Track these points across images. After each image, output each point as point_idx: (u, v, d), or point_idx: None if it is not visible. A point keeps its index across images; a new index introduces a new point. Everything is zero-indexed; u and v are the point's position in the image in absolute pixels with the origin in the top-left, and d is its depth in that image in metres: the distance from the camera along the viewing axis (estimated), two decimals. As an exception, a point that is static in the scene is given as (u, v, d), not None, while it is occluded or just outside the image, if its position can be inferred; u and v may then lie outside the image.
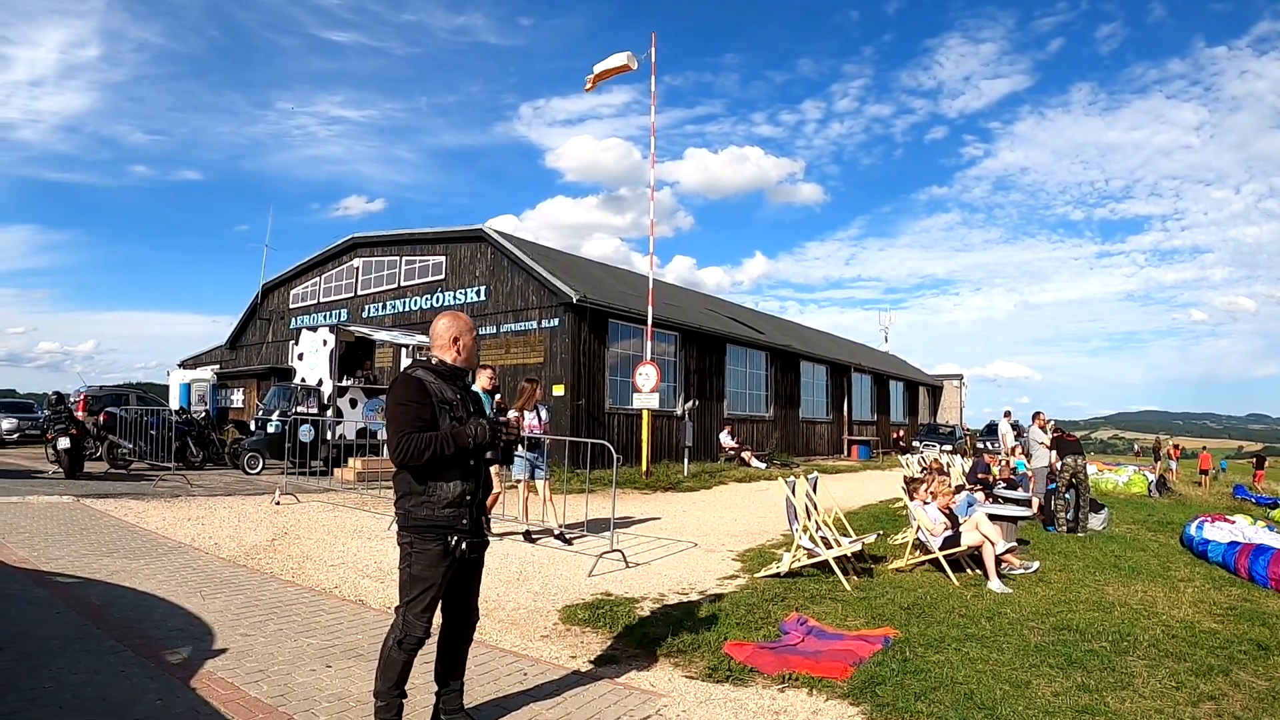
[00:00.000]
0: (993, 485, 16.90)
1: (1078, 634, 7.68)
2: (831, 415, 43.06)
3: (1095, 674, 6.51)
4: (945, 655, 6.76)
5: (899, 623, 7.78)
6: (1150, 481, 25.93)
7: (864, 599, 8.73)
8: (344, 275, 34.62)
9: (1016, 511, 12.55)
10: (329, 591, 8.56)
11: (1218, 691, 6.47)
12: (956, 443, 43.00)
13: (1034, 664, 6.68)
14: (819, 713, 5.54)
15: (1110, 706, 5.83)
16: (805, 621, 7.64)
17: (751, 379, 35.09)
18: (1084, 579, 10.37)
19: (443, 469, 4.28)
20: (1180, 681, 6.56)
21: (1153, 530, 15.66)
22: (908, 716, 5.41)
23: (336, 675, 5.82)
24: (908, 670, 6.30)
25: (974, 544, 10.01)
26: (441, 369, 4.47)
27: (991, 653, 6.90)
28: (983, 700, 5.73)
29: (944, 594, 9.14)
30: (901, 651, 6.80)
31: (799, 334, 47.34)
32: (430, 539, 4.25)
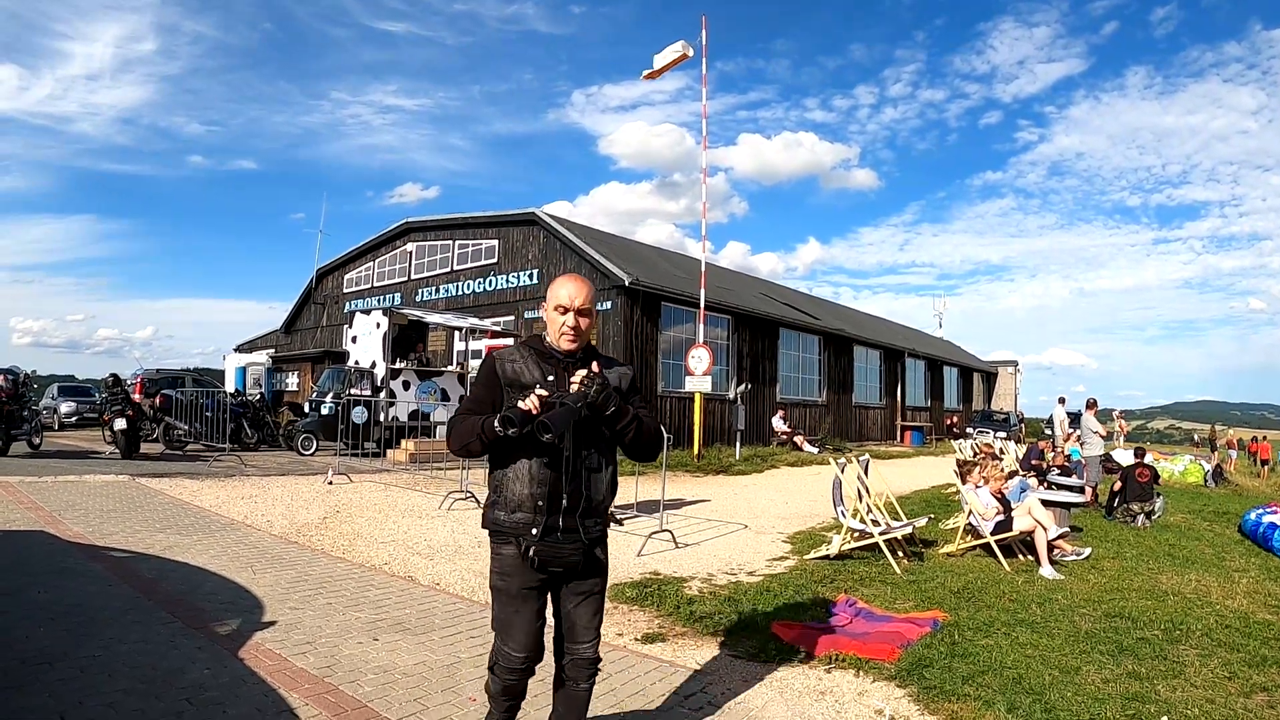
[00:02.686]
0: (1046, 471, 16.71)
1: (1129, 621, 7.58)
2: (885, 401, 42.73)
3: (1146, 662, 6.44)
4: (994, 640, 6.72)
5: (948, 606, 7.74)
6: (1207, 471, 25.51)
7: (913, 582, 8.70)
8: (397, 260, 35.05)
9: (1069, 498, 12.44)
10: (378, 568, 8.70)
11: (1271, 683, 6.36)
12: (1011, 429, 42.57)
13: (1084, 650, 6.62)
14: (865, 694, 5.54)
15: (1161, 694, 5.76)
16: (854, 603, 7.63)
17: (804, 363, 34.92)
18: (1137, 567, 10.23)
19: (513, 462, 3.54)
20: (1233, 672, 6.46)
21: (1208, 520, 15.39)
22: (955, 699, 5.39)
23: (383, 648, 5.93)
24: (956, 654, 6.28)
25: (1026, 529, 9.92)
26: (536, 345, 3.70)
27: (1041, 638, 6.84)
28: (1031, 685, 5.70)
29: (994, 579, 9.07)
30: (950, 635, 6.77)
31: (852, 319, 47.01)
32: (501, 541, 3.60)
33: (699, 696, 5.37)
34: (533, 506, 3.50)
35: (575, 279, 3.66)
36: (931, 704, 5.36)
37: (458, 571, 8.64)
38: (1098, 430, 17.32)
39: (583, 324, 3.61)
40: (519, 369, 3.59)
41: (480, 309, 29.52)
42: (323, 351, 36.09)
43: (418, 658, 5.75)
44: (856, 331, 40.41)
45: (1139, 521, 13.97)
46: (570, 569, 3.59)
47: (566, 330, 3.59)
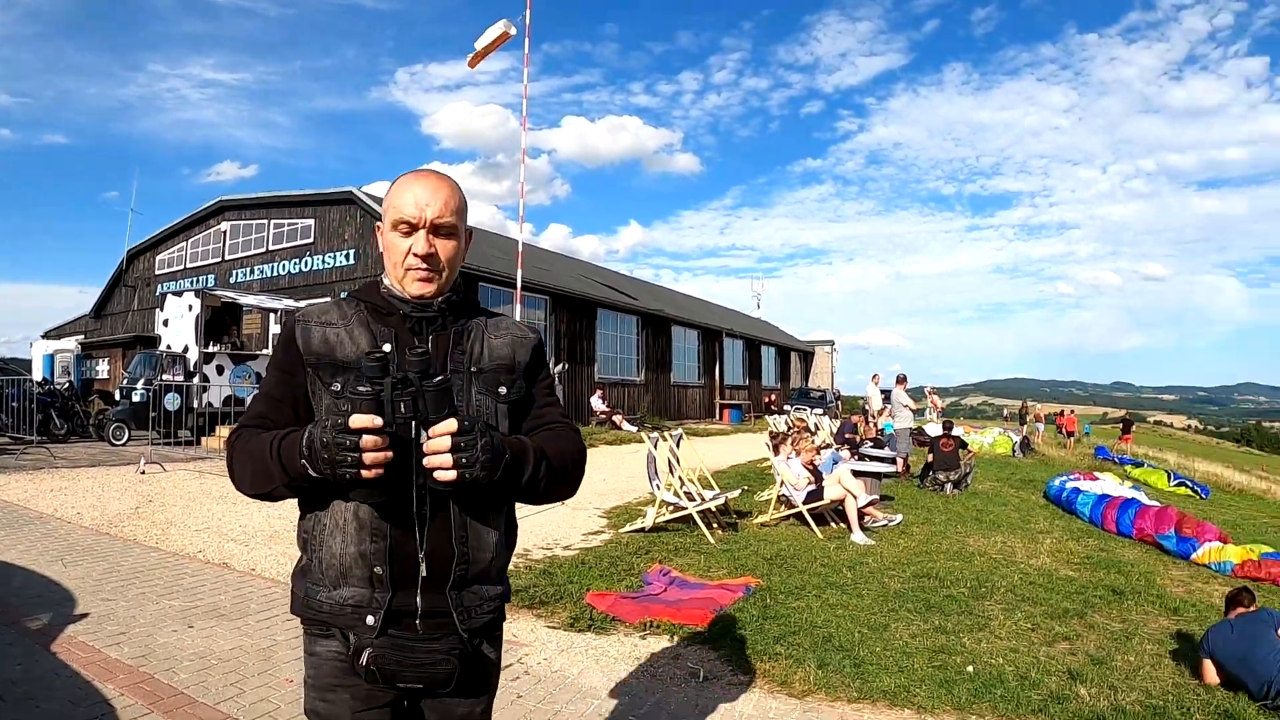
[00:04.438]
0: (860, 444, 17.67)
1: (937, 581, 8.30)
2: (703, 380, 44.01)
3: (953, 617, 7.08)
4: (805, 602, 7.23)
5: (761, 572, 8.23)
6: (1015, 442, 27.52)
7: (727, 551, 9.16)
8: (211, 240, 34.41)
9: (880, 468, 13.28)
10: (192, 556, 8.64)
11: (1072, 633, 7.13)
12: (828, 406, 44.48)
13: (893, 609, 7.22)
14: (680, 657, 5.90)
15: (966, 646, 6.39)
16: (668, 572, 8.01)
17: (623, 343, 35.68)
18: (945, 531, 11.10)
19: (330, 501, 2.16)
20: (1036, 623, 7.22)
21: (1015, 488, 16.71)
22: (766, 659, 5.81)
23: (199, 635, 5.98)
24: (768, 616, 6.73)
25: (837, 498, 10.54)
26: (369, 295, 2.32)
27: (851, 599, 7.40)
28: (841, 643, 6.20)
29: (807, 546, 9.66)
30: (762, 599, 7.23)
31: (671, 299, 48.14)
32: (319, 635, 2.22)
33: (515, 667, 5.59)
34: (366, 576, 2.12)
35: (430, 175, 2.27)
36: (744, 664, 5.77)
37: (273, 556, 8.64)
38: (908, 404, 18.44)
39: (444, 251, 2.23)
40: (336, 338, 2.23)
41: (296, 290, 29.08)
42: (134, 337, 35.12)
43: (234, 643, 5.79)
44: (675, 312, 41.50)
45: (947, 489, 15.02)
46: (437, 683, 2.16)
47: (416, 263, 2.20)
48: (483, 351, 2.27)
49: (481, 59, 22.47)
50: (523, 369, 2.32)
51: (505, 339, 2.33)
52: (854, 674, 5.65)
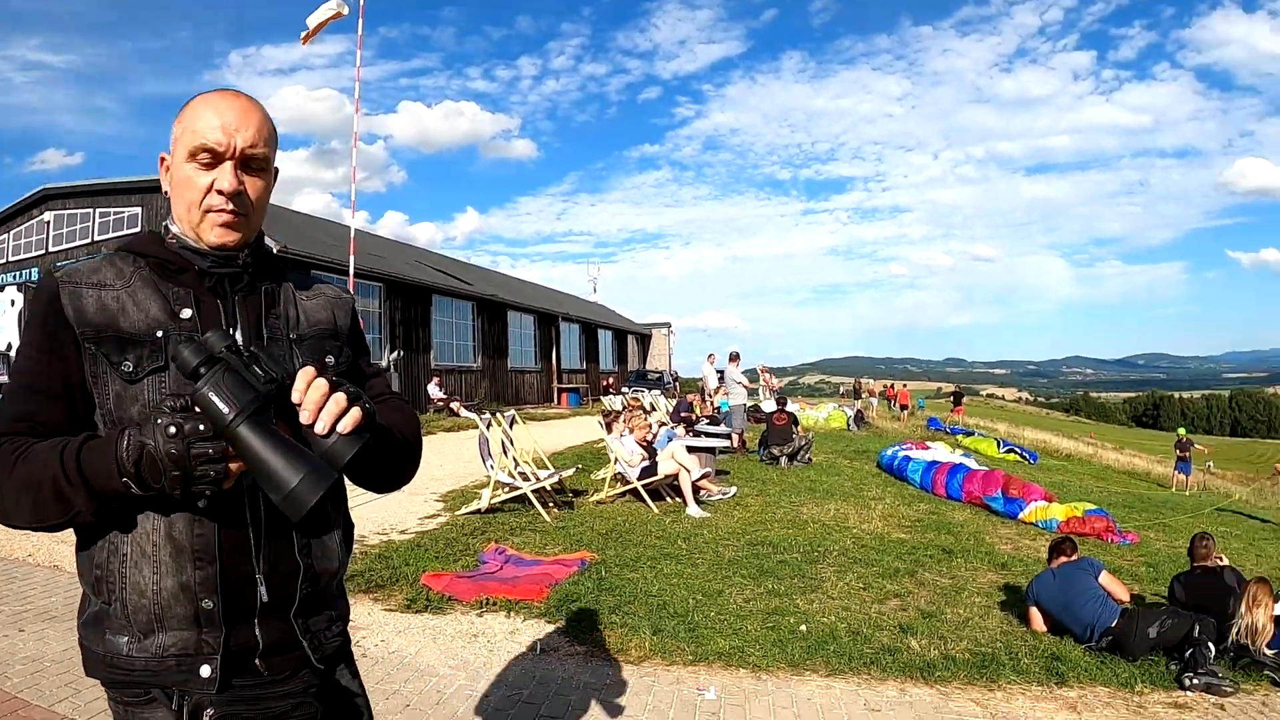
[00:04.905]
0: (696, 422, 17.96)
1: (771, 548, 8.54)
2: (540, 364, 44.01)
3: (786, 581, 7.31)
4: (640, 573, 7.32)
5: (596, 547, 8.30)
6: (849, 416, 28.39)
7: (563, 529, 9.21)
8: (34, 231, 32.53)
9: (712, 442, 13.55)
10: (21, 560, 8.24)
11: (903, 590, 7.45)
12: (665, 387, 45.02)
13: (727, 576, 7.39)
14: (516, 632, 5.93)
15: (799, 607, 6.61)
16: (504, 551, 8.04)
17: (459, 329, 35.40)
18: (780, 501, 11.40)
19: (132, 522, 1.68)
20: (867, 583, 7.51)
21: (849, 458, 17.26)
22: (602, 628, 5.89)
23: (30, 638, 5.75)
24: (603, 588, 6.80)
25: (670, 473, 10.69)
26: (150, 248, 1.83)
27: (686, 569, 7.54)
28: (676, 610, 6.32)
29: (642, 520, 9.77)
30: (598, 572, 7.30)
31: (506, 284, 47.98)
32: (133, 702, 1.72)
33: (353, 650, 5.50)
34: (191, 615, 1.67)
35: (239, 95, 1.82)
36: (580, 635, 5.83)
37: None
38: (741, 381, 18.82)
39: (254, 190, 1.80)
40: (116, 303, 1.73)
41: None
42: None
43: (66, 644, 5.54)
44: (511, 297, 41.33)
45: (782, 462, 15.38)
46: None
47: (220, 204, 1.74)
48: (299, 316, 1.89)
49: (313, 36, 21.86)
50: (346, 335, 1.98)
51: (320, 301, 1.97)
52: (689, 638, 5.77)
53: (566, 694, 4.92)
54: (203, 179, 1.74)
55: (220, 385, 1.43)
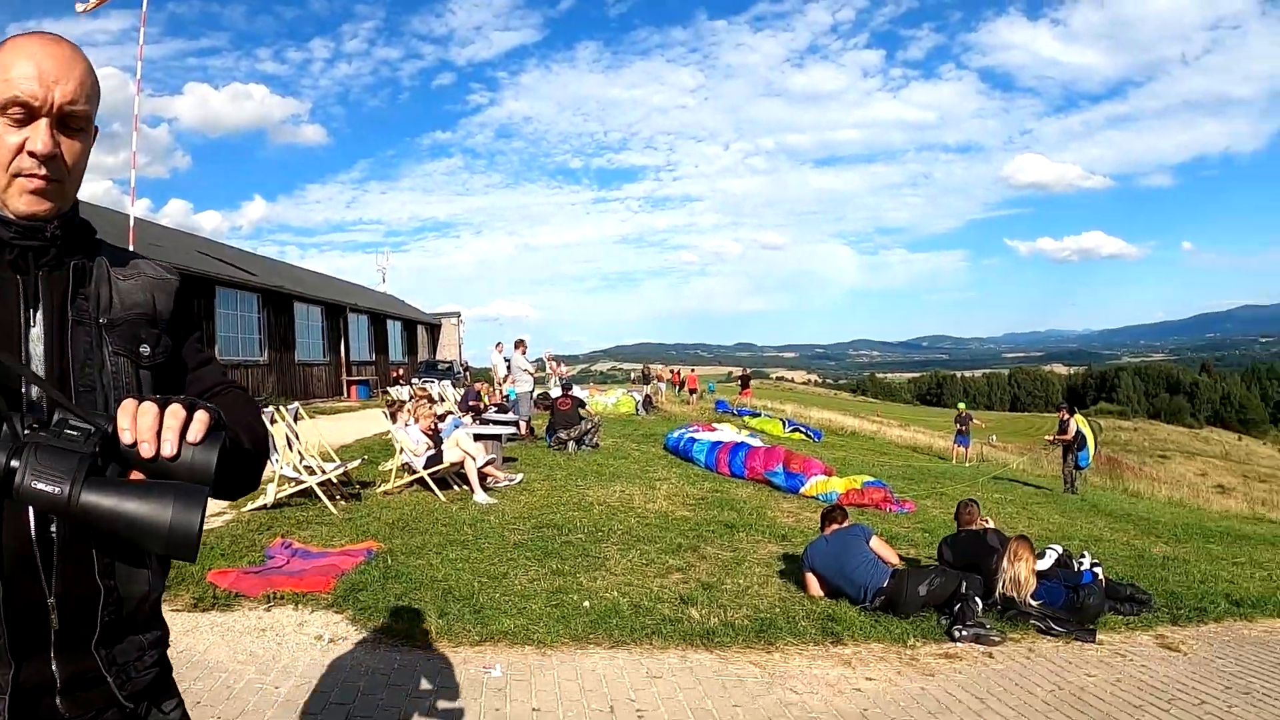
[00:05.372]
0: (484, 410, 17.99)
1: (556, 530, 8.81)
2: (329, 357, 42.92)
3: (570, 561, 7.59)
4: (427, 560, 7.41)
5: (383, 537, 8.32)
6: (638, 401, 28.82)
7: (350, 520, 9.16)
8: None
9: (499, 430, 13.63)
10: None
11: (685, 564, 7.80)
12: (456, 377, 44.66)
13: (513, 559, 7.60)
14: (305, 624, 5.95)
15: (583, 585, 6.90)
16: (290, 544, 7.96)
17: (244, 322, 34.16)
18: (566, 485, 11.64)
19: None
20: (650, 560, 7.84)
21: (637, 442, 17.65)
22: (389, 616, 5.98)
23: None
24: (390, 576, 6.86)
25: (456, 460, 10.73)
26: None
27: (472, 554, 7.68)
28: (461, 593, 6.46)
29: (429, 509, 9.80)
30: (384, 561, 7.34)
31: (293, 275, 46.56)
32: None
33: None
34: None
35: (59, 42, 1.59)
36: (368, 623, 5.92)
37: None
38: (526, 368, 18.95)
39: (71, 153, 1.58)
40: None
41: None
42: None
43: None
44: (296, 287, 40.07)
45: (570, 447, 15.57)
46: None
47: (32, 167, 1.52)
48: (113, 298, 1.64)
49: (94, 7, 20.68)
50: (166, 322, 1.72)
51: (140, 282, 1.70)
52: (474, 620, 5.93)
53: (356, 680, 5.00)
54: (12, 138, 1.51)
55: (38, 469, 1.23)
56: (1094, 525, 13.57)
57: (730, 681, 5.33)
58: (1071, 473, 19.12)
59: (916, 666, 6.04)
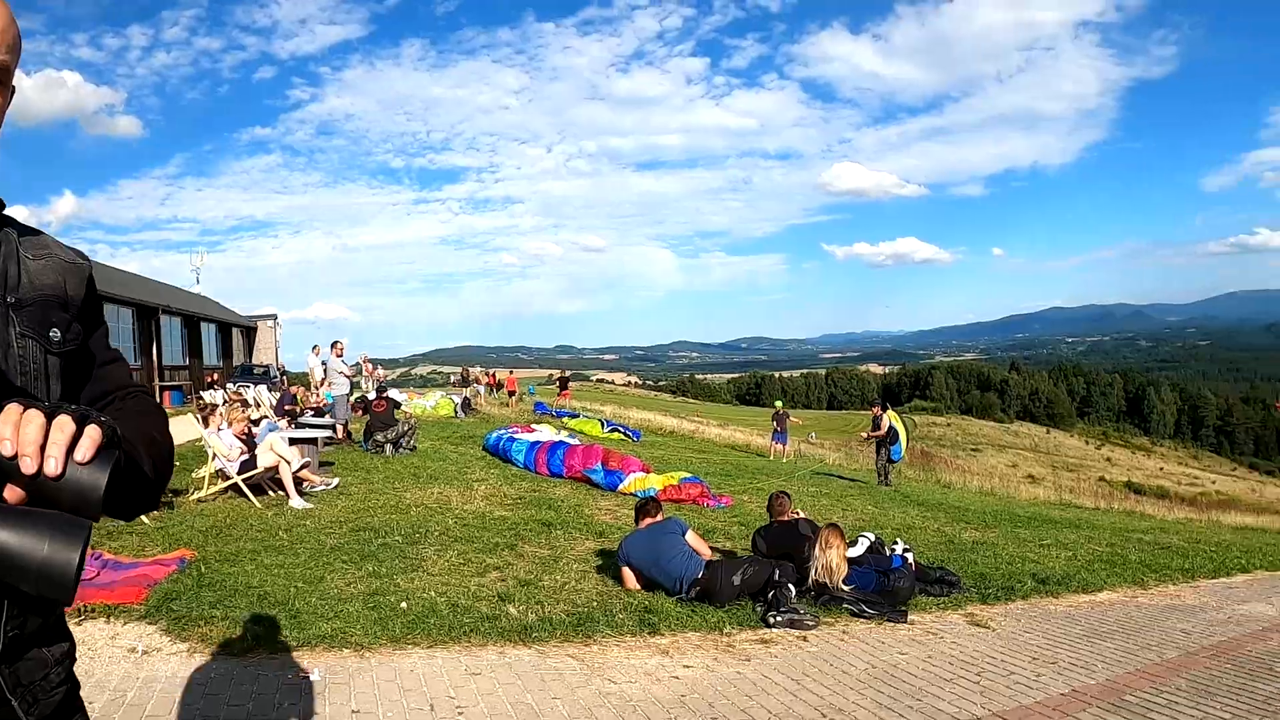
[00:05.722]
0: (301, 414, 17.67)
1: (373, 533, 8.78)
2: (140, 361, 41.18)
3: (387, 563, 7.58)
4: (241, 567, 7.28)
5: (196, 545, 8.13)
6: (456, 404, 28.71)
7: (163, 529, 8.90)
8: None
9: (313, 433, 13.46)
10: None
11: (503, 563, 7.90)
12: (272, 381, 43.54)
13: (329, 563, 7.54)
14: (118, 636, 5.77)
15: (400, 586, 6.91)
16: (100, 556, 7.71)
17: (51, 327, 32.53)
18: (384, 488, 11.57)
19: None
20: (468, 559, 7.93)
21: (455, 444, 17.57)
22: (204, 624, 5.86)
23: None
24: (203, 584, 6.72)
25: (270, 465, 10.54)
26: None
27: (288, 559, 7.58)
28: (278, 599, 6.38)
29: (244, 515, 9.62)
30: (197, 569, 7.17)
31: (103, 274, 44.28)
32: None
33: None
34: None
35: None
36: (182, 632, 5.77)
37: None
38: (342, 371, 18.68)
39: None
40: None
41: None
42: None
43: None
44: (105, 288, 38.28)
45: (388, 450, 15.44)
46: None
47: None
48: (21, 276, 1.48)
49: None
50: (77, 308, 1.56)
51: (50, 263, 1.54)
52: (292, 625, 5.87)
53: (171, 692, 4.89)
54: None
55: None
56: (906, 514, 14.23)
57: (549, 675, 5.44)
58: (885, 466, 20.07)
59: (733, 652, 6.29)
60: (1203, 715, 5.42)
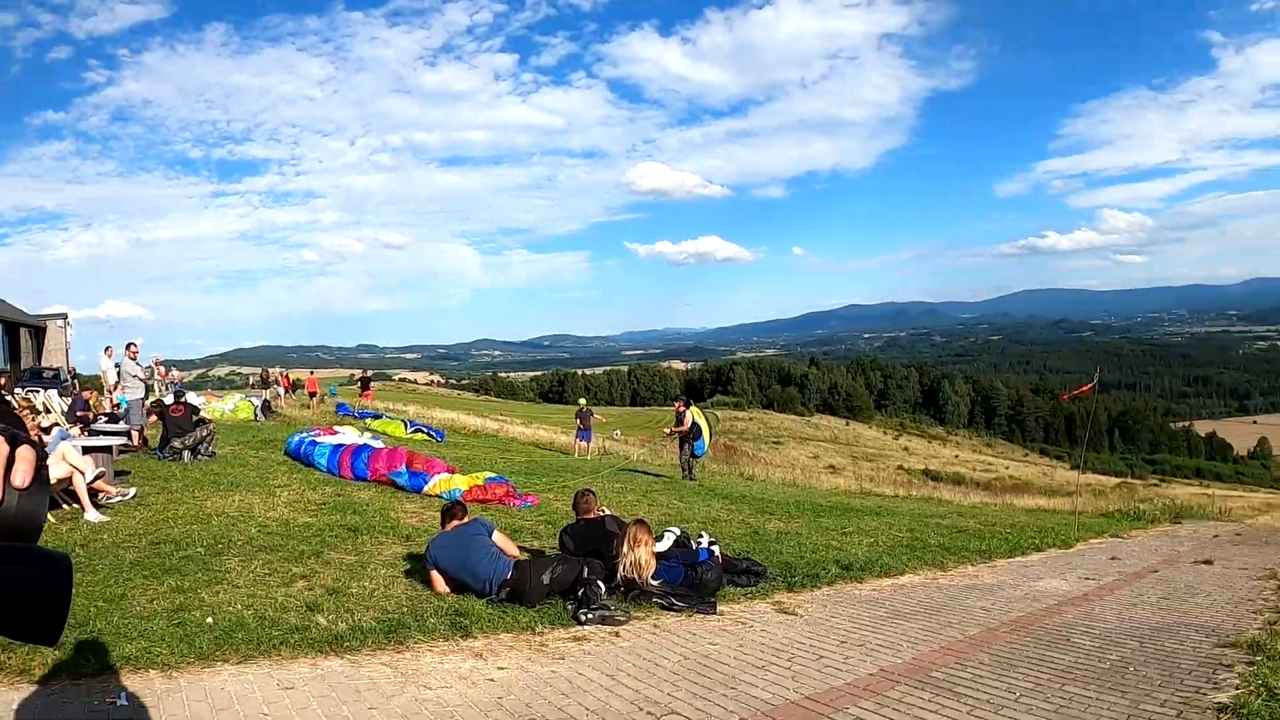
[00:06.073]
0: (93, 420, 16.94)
1: (174, 545, 8.49)
2: (-83, 366, 38.57)
3: (191, 576, 7.36)
4: (31, 588, 6.93)
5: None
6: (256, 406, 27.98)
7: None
8: None
9: (108, 441, 12.92)
10: None
11: (309, 571, 7.81)
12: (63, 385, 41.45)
13: (129, 579, 7.25)
14: None
15: (205, 601, 6.74)
16: None
17: None
18: (184, 497, 11.17)
19: None
20: (273, 569, 7.79)
21: (255, 449, 17.09)
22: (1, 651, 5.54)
23: None
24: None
25: (63, 476, 10.08)
26: None
27: (85, 576, 7.24)
28: (77, 620, 6.09)
29: (33, 532, 9.17)
30: (-17, 593, 6.81)
31: None
32: None
33: None
34: None
35: None
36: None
37: None
38: (136, 374, 17.96)
39: None
40: None
41: None
42: None
43: None
44: None
45: (185, 457, 14.94)
46: None
47: None
48: None
49: None
50: None
51: None
52: (94, 648, 5.63)
53: (-37, 724, 4.66)
54: None
55: None
56: (711, 507, 14.64)
57: (363, 685, 5.42)
58: (689, 461, 20.47)
59: (547, 652, 6.41)
60: (1006, 686, 5.85)
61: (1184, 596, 9.26)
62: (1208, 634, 7.33)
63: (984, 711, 5.35)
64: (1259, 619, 7.93)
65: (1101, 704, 5.47)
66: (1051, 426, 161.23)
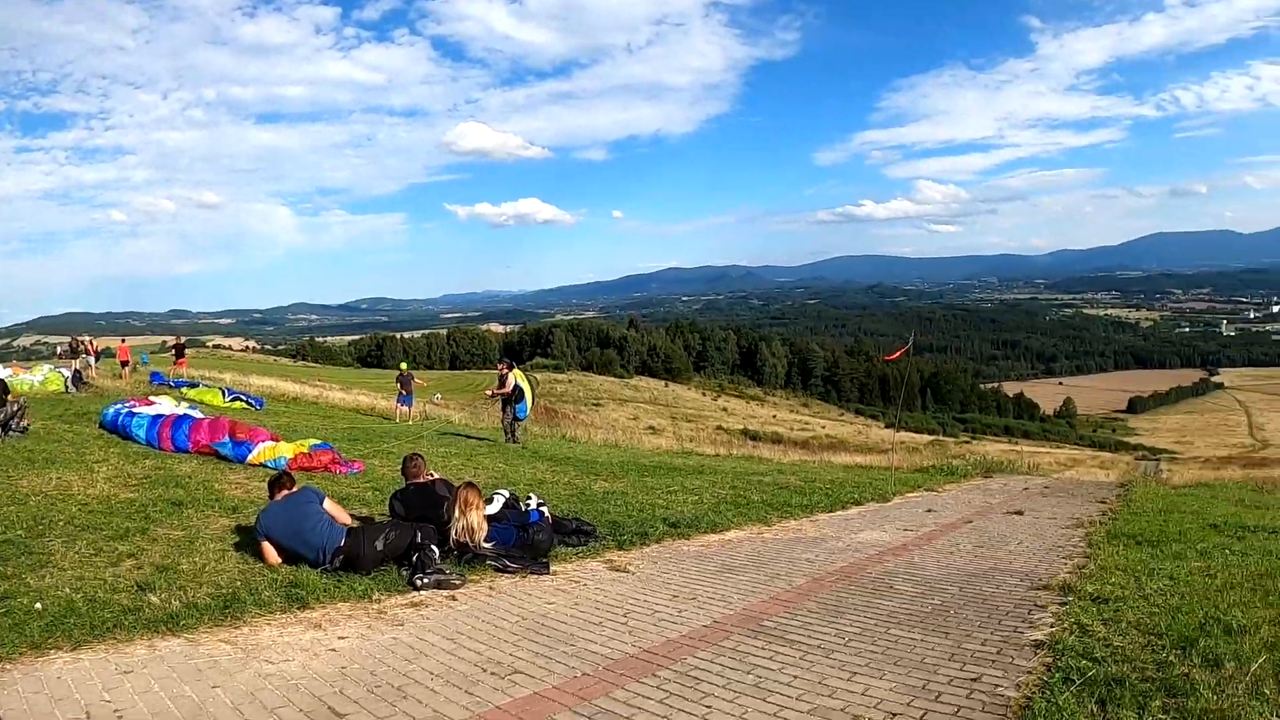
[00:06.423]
0: None
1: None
2: None
3: (13, 561, 6.99)
4: None
5: None
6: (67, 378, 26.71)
7: None
8: None
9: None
10: None
11: (136, 549, 7.59)
12: None
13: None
14: None
15: (31, 585, 6.44)
16: None
17: None
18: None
19: None
20: (99, 548, 7.52)
21: (69, 423, 16.29)
22: None
23: None
24: None
25: None
26: None
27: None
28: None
29: None
30: None
31: None
32: None
33: None
34: None
35: None
36: None
37: None
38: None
39: None
40: None
41: None
42: None
43: None
44: None
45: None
46: None
47: None
48: None
49: None
50: None
51: None
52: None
53: None
54: None
55: None
56: (537, 469, 14.78)
57: (204, 664, 5.32)
58: (511, 424, 20.59)
59: (385, 619, 6.42)
60: (835, 631, 6.17)
61: (998, 545, 9.87)
62: (1021, 578, 7.86)
63: (816, 656, 5.64)
64: (1069, 564, 8.54)
65: (926, 645, 5.84)
66: (866, 387, 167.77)
